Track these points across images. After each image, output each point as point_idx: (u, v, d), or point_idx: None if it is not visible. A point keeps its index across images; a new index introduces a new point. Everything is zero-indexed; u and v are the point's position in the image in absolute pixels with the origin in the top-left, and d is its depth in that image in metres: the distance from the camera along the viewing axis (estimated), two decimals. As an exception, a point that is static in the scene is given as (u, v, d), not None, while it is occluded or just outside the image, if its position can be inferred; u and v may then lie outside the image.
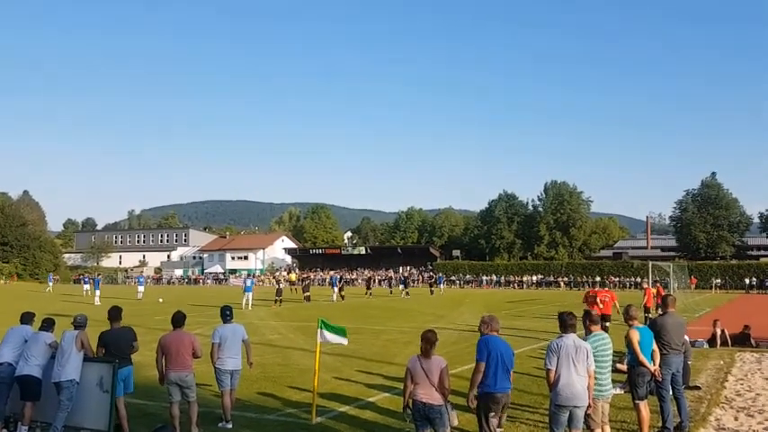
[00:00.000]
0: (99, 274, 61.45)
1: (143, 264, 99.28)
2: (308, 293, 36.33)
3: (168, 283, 79.97)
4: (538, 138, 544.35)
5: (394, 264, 77.52)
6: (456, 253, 79.05)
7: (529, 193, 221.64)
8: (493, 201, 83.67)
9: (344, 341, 8.75)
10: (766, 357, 14.12)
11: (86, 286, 45.55)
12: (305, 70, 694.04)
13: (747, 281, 56.85)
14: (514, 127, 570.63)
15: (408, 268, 74.32)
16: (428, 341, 6.13)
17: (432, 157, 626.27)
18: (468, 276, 69.29)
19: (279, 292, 33.13)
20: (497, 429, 6.35)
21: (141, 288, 40.99)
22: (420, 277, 71.63)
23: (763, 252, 73.87)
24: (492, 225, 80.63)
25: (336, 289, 39.45)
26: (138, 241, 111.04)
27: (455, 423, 6.39)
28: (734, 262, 64.57)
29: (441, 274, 59.65)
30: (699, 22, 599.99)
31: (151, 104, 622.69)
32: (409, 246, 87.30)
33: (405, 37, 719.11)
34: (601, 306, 16.60)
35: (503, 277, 67.84)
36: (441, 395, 6.00)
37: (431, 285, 50.82)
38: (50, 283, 54.06)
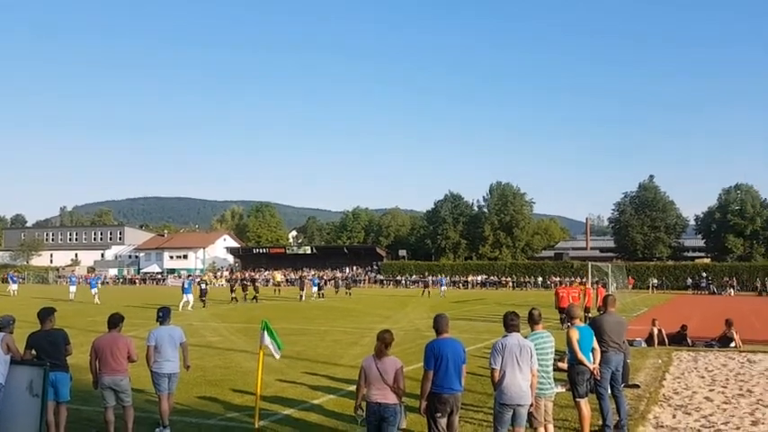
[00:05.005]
0: (14, 271, 58.84)
1: (75, 263, 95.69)
2: (256, 294, 37.03)
3: (102, 283, 77.14)
4: (482, 140, 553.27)
5: (340, 264, 77.29)
6: (402, 253, 79.42)
7: (474, 193, 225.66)
8: (439, 201, 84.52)
9: (277, 355, 8.53)
10: (702, 356, 14.63)
11: (14, 285, 43.82)
12: (248, 66, 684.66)
13: (685, 281, 59.28)
14: (460, 128, 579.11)
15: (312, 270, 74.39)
16: (384, 341, 6.07)
17: (378, 157, 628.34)
18: (414, 276, 69.70)
19: (203, 292, 32.54)
20: None
21: (73, 288, 39.37)
22: (366, 277, 71.81)
23: (698, 253, 76.96)
24: (438, 225, 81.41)
25: (316, 289, 41.42)
26: (70, 239, 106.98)
27: (403, 425, 6.33)
28: (670, 263, 66.91)
29: (442, 276, 55.79)
30: (637, 27, 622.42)
31: (84, 96, 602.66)
32: (356, 245, 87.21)
33: (348, 31, 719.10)
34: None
35: (448, 277, 68.56)
36: (395, 395, 5.95)
37: (425, 286, 49.87)
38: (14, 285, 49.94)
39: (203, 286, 33.56)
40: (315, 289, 42.54)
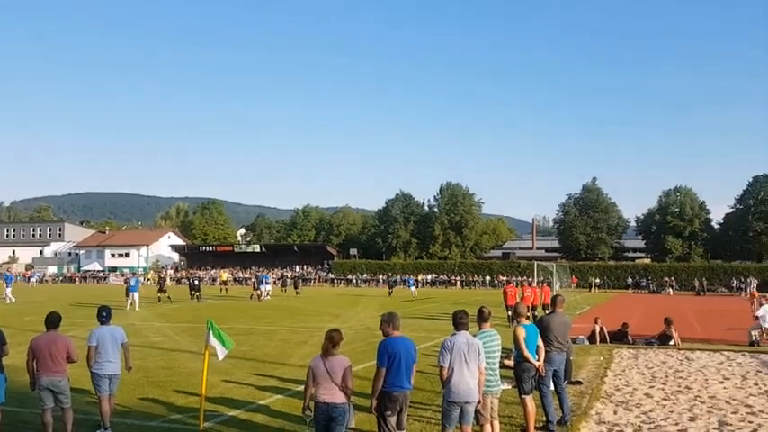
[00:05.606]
0: None
1: (13, 260, 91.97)
2: (198, 293, 36.37)
3: (41, 281, 74.39)
4: (432, 140, 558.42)
5: (290, 262, 76.63)
6: (353, 252, 79.39)
7: (425, 193, 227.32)
8: (390, 200, 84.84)
9: (221, 356, 8.19)
10: (642, 354, 15.08)
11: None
12: (197, 63, 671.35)
13: (625, 281, 61.19)
14: (412, 128, 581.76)
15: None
16: (331, 340, 6.01)
17: (329, 155, 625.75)
18: (365, 275, 69.70)
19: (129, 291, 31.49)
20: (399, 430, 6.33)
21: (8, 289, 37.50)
22: (317, 276, 71.44)
23: (638, 254, 79.54)
24: (389, 224, 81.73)
25: (269, 288, 40.87)
26: (7, 236, 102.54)
27: (352, 424, 6.30)
28: (612, 263, 69.01)
29: (411, 276, 56.49)
30: (588, 30, 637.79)
31: (21, 87, 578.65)
32: (306, 244, 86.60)
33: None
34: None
35: (399, 276, 68.83)
36: (343, 394, 5.91)
37: (390, 286, 50.27)
38: None
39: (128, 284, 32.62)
40: (268, 287, 41.73)
